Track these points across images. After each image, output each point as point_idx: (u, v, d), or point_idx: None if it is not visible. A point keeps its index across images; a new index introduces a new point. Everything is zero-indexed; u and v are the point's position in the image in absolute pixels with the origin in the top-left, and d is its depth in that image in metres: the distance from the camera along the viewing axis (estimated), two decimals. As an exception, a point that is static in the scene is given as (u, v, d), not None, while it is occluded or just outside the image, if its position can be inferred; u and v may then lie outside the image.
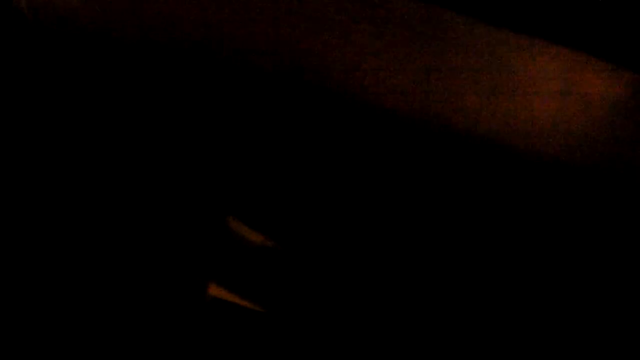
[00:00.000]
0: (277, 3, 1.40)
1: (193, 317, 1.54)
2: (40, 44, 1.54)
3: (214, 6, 1.44)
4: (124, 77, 1.58)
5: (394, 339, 1.55)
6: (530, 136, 1.45)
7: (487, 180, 1.53)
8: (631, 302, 1.52)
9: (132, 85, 1.59)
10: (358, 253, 1.58)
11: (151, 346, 1.52)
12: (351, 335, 1.55)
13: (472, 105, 1.43)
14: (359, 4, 1.38)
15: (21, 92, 1.60)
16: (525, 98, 1.41)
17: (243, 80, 1.55)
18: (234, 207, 1.59)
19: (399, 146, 1.56)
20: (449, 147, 1.52)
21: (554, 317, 1.52)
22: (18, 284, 1.49)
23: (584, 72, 1.40)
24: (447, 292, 1.56)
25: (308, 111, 1.56)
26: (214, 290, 1.54)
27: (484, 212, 1.54)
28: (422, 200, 1.58)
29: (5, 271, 1.51)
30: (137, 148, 1.59)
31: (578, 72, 1.39)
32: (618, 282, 1.52)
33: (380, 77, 1.44)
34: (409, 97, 1.46)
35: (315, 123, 1.56)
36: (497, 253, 1.55)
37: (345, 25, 1.40)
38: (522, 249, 1.55)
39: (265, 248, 1.58)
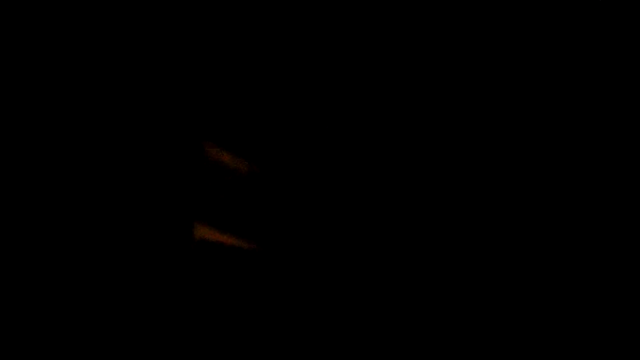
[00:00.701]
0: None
1: (181, 260, 1.46)
2: None
3: None
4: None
5: (381, 276, 1.50)
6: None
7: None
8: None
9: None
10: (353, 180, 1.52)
11: (142, 294, 1.44)
12: (344, 272, 1.49)
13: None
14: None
15: None
16: None
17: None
18: (212, 133, 1.50)
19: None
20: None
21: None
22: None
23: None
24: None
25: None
26: (200, 231, 1.47)
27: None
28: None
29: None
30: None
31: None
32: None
33: None
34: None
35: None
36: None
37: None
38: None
39: (250, 174, 1.50)
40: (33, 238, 1.44)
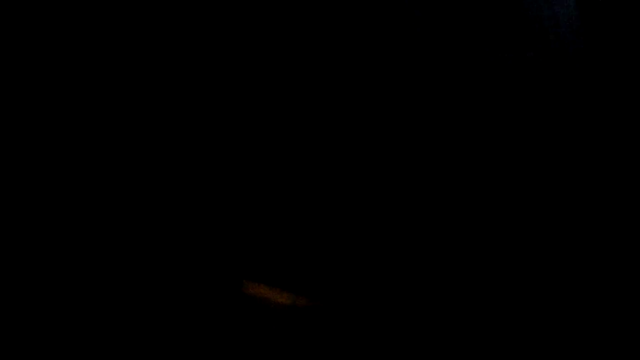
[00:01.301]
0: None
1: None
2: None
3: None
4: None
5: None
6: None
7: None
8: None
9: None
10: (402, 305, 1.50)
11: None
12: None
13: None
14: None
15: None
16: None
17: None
18: (250, 268, 1.41)
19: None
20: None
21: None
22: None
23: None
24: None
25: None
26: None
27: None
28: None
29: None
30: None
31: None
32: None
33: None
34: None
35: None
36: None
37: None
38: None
39: (296, 308, 1.41)
40: None
